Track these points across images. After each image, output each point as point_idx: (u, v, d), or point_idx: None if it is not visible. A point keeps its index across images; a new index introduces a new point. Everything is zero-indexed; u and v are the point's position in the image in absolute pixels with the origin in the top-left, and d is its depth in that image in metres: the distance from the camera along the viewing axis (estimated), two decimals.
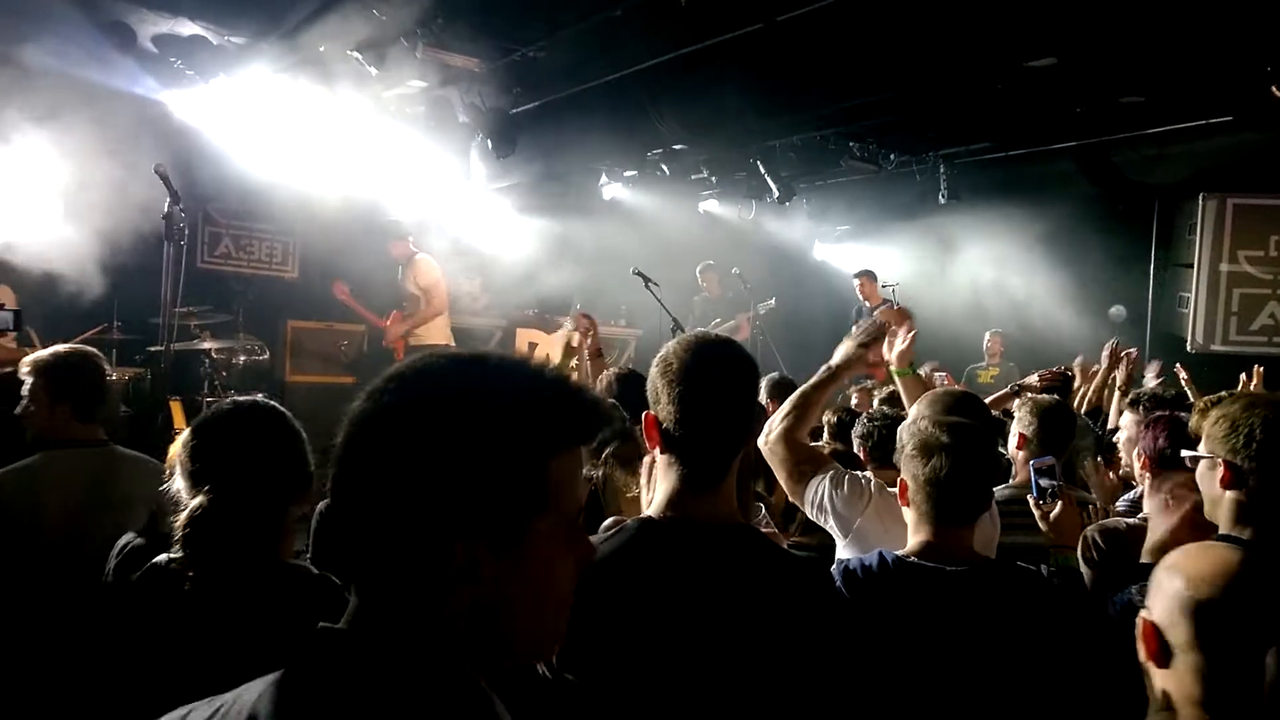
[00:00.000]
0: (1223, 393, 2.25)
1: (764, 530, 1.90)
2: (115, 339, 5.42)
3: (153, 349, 5.24)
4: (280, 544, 1.67)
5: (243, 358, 5.89)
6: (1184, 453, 1.98)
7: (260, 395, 1.91)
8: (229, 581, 1.56)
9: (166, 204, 4.25)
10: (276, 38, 5.69)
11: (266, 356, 6.24)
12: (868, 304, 7.53)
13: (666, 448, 1.42)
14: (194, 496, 1.59)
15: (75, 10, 5.35)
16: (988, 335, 7.97)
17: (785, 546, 2.34)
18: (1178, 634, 1.23)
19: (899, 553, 1.78)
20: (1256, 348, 7.53)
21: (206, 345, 5.50)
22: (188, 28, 5.76)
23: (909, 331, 2.72)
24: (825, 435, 3.69)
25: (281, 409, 1.78)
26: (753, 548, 1.42)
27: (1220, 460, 1.81)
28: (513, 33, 5.57)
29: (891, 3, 4.68)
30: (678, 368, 1.42)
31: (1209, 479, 1.86)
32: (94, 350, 2.76)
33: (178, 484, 1.66)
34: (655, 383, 1.44)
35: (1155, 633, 1.25)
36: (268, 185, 6.88)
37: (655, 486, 1.47)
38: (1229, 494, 1.81)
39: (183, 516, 1.57)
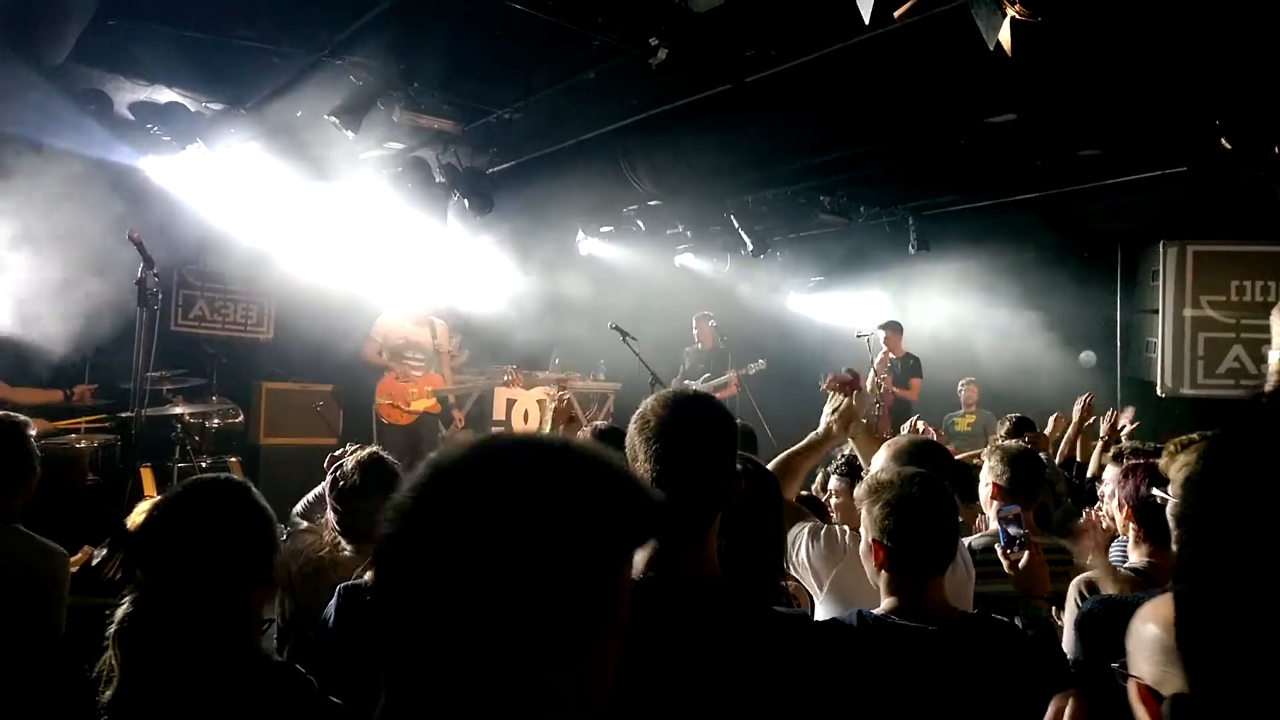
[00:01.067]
0: (1194, 434, 2.29)
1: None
2: (85, 404, 5.34)
3: (123, 415, 5.17)
4: (243, 636, 1.55)
5: (216, 421, 5.82)
6: (1155, 492, 2.01)
7: (225, 474, 1.77)
8: (164, 684, 1.43)
9: (140, 269, 4.25)
10: (253, 103, 5.77)
11: (240, 419, 6.17)
12: (893, 356, 7.63)
13: None
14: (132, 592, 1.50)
15: (51, 79, 5.40)
16: (962, 383, 8.06)
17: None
18: (1171, 684, 1.21)
19: (876, 611, 1.78)
20: (1224, 390, 7.67)
21: (179, 410, 5.43)
22: (165, 95, 5.83)
23: (852, 394, 2.75)
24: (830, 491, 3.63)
25: (246, 485, 1.70)
26: (733, 607, 1.40)
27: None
28: (487, 95, 5.68)
29: (856, 64, 4.84)
30: (654, 424, 1.41)
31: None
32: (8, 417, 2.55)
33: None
34: (633, 439, 1.43)
35: (1150, 693, 1.23)
36: (243, 247, 6.90)
37: None
38: None
39: (117, 614, 1.48)
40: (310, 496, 3.08)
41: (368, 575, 1.93)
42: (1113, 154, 6.40)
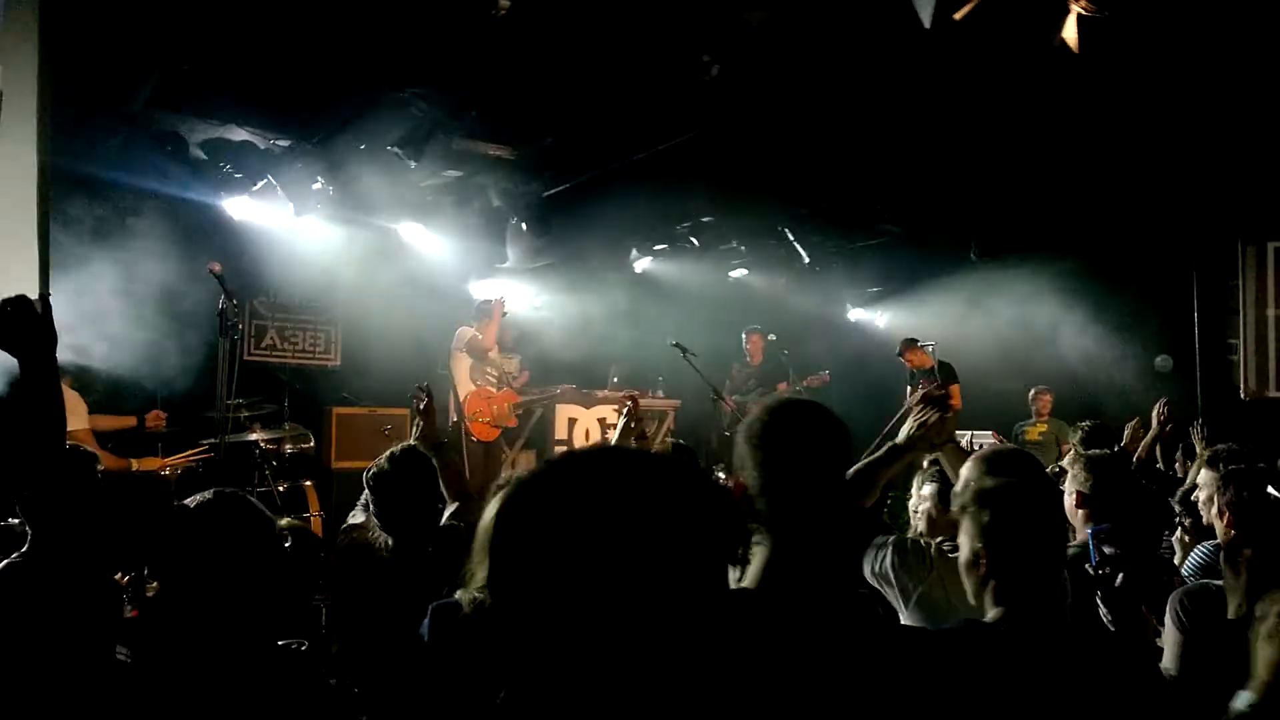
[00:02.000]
0: None
1: None
2: (163, 431, 5.56)
3: (206, 440, 5.36)
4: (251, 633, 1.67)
5: (289, 447, 5.98)
6: (1270, 491, 1.94)
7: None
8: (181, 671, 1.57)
9: (220, 300, 4.41)
10: (319, 138, 5.96)
11: (312, 444, 6.35)
12: (917, 370, 7.53)
13: (753, 517, 1.37)
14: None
15: (130, 124, 5.68)
16: (1033, 392, 7.84)
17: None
18: None
19: (987, 620, 1.71)
20: None
21: (255, 436, 5.60)
22: (236, 134, 6.06)
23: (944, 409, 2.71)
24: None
25: (250, 500, 1.82)
26: (844, 621, 1.36)
27: None
28: (542, 120, 5.77)
29: (914, 69, 4.79)
30: (759, 432, 1.39)
31: None
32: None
33: None
34: (741, 449, 1.41)
35: None
36: (310, 279, 7.12)
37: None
38: None
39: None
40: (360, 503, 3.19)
41: (458, 594, 1.95)
42: (1185, 151, 6.20)
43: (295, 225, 6.68)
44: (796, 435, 1.39)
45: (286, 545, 2.55)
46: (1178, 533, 3.12)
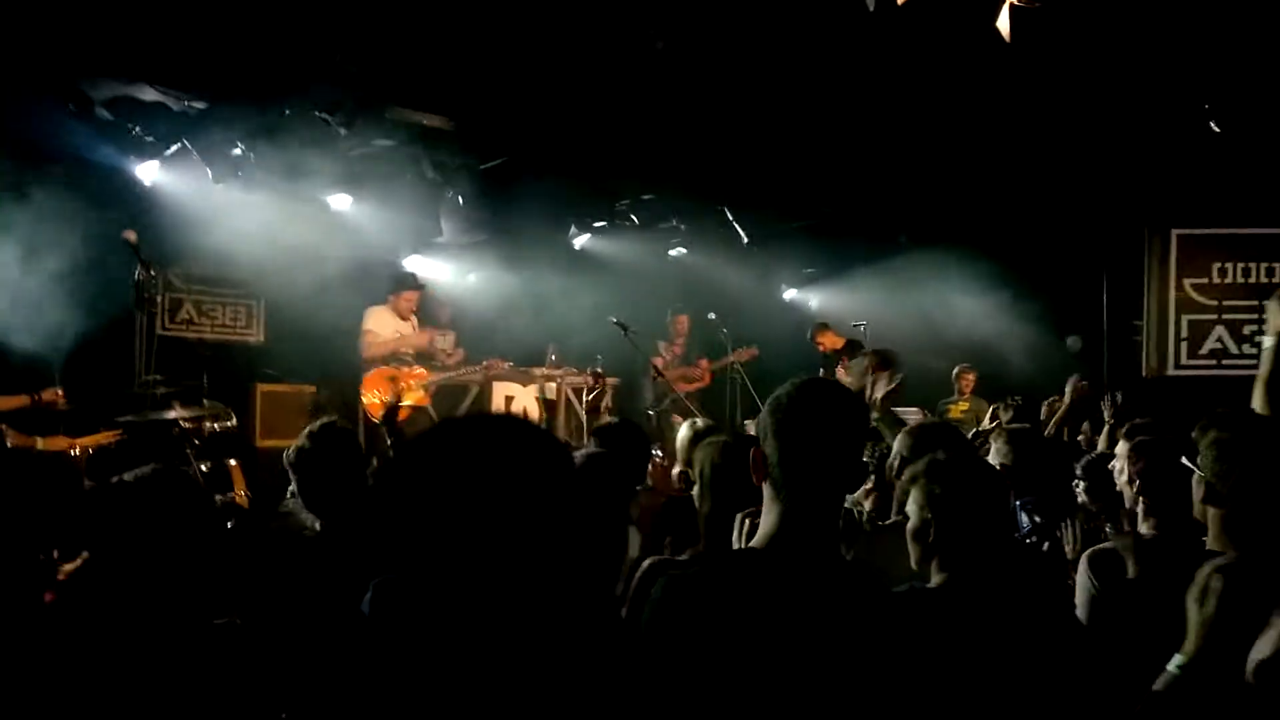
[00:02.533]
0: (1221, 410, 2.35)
1: None
2: (65, 409, 5.23)
3: (120, 419, 5.07)
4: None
5: (211, 425, 5.72)
6: (1184, 462, 2.08)
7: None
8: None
9: (136, 271, 4.17)
10: (240, 101, 5.66)
11: (234, 422, 6.08)
12: (829, 353, 7.71)
13: (769, 482, 1.51)
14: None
15: (30, 79, 5.27)
16: (956, 370, 8.12)
17: None
18: None
19: (931, 586, 1.83)
20: (1207, 370, 7.81)
21: (174, 414, 5.33)
22: (146, 93, 5.69)
23: (892, 378, 2.84)
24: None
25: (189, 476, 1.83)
26: (845, 585, 1.47)
27: (1201, 478, 1.97)
28: (480, 91, 5.62)
29: (859, 54, 4.86)
30: (783, 405, 1.52)
31: (1198, 492, 2.01)
32: None
33: None
34: (763, 420, 1.54)
35: None
36: (230, 249, 6.78)
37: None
38: (1211, 510, 1.97)
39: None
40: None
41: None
42: (1098, 139, 6.48)
43: (214, 193, 6.32)
44: (812, 411, 1.50)
45: (311, 443, 2.51)
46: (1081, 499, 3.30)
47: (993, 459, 3.01)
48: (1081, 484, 3.31)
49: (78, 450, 5.01)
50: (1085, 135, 6.22)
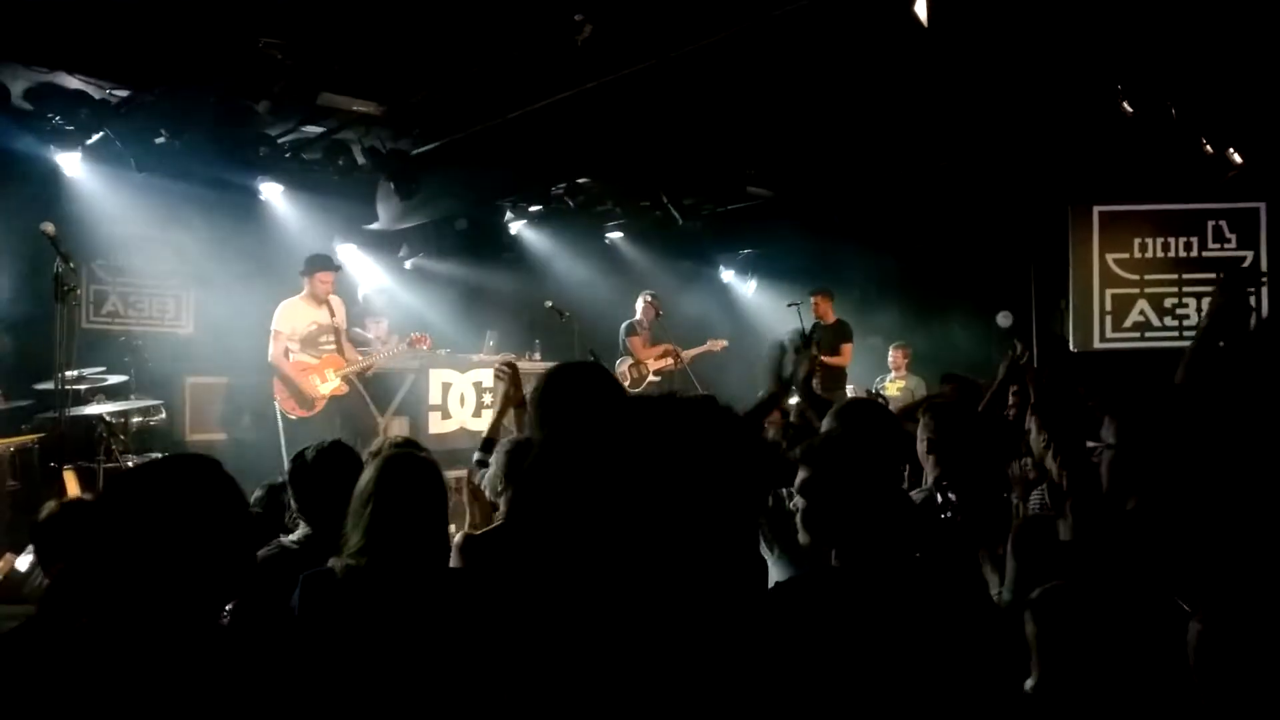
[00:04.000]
0: None
1: None
2: None
3: (42, 415, 4.96)
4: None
5: (138, 419, 5.63)
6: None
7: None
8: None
9: (55, 264, 4.07)
10: (163, 89, 5.53)
11: (164, 416, 5.98)
12: (821, 322, 7.80)
13: None
14: None
15: None
16: (891, 348, 8.31)
17: None
18: None
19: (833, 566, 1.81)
20: (1131, 343, 8.11)
21: (100, 409, 5.23)
22: (67, 81, 5.53)
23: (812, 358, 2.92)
24: None
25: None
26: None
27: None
28: (410, 76, 5.57)
29: (778, 38, 4.92)
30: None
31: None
32: None
33: None
34: None
35: None
36: (156, 239, 6.64)
37: None
38: None
39: None
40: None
41: (331, 561, 1.92)
42: (1020, 118, 6.66)
43: (138, 182, 6.18)
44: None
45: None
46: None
47: (920, 434, 3.08)
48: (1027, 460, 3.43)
49: None
50: (1007, 115, 6.39)
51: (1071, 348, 8.18)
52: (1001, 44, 5.20)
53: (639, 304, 7.76)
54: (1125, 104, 6.04)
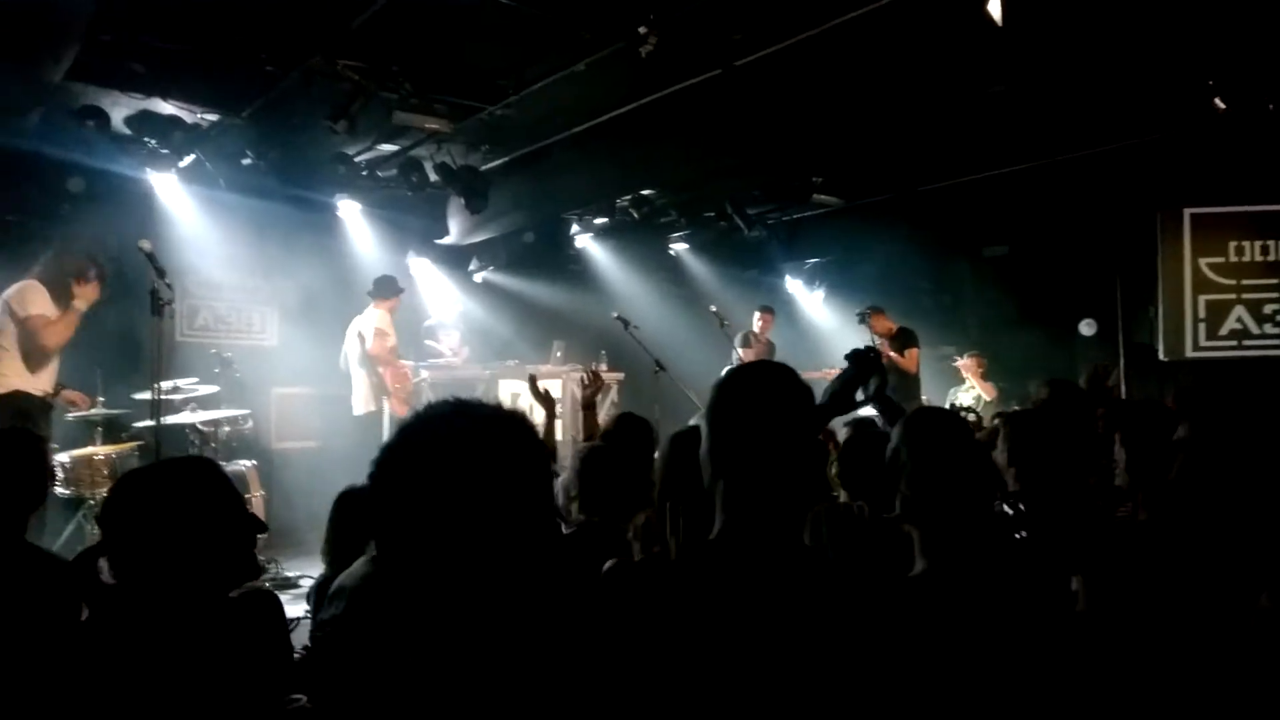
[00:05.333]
0: None
1: None
2: (99, 415, 5.41)
3: (139, 425, 5.24)
4: None
5: (228, 428, 5.89)
6: None
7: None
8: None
9: (151, 279, 4.31)
10: (249, 112, 5.81)
11: (251, 425, 6.24)
12: (878, 337, 7.69)
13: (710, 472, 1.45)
14: None
15: (50, 96, 5.45)
16: (962, 358, 8.09)
17: None
18: None
19: None
20: (1226, 352, 7.70)
21: (192, 418, 5.50)
22: (162, 107, 5.87)
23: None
24: None
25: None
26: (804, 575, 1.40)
27: None
28: (480, 92, 5.71)
29: (848, 41, 4.86)
30: (717, 393, 1.48)
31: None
32: None
33: None
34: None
35: None
36: (242, 256, 6.96)
37: None
38: None
39: None
40: None
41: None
42: (1107, 120, 6.42)
43: (226, 202, 6.50)
44: (745, 395, 1.46)
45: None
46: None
47: (999, 445, 3.01)
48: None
49: (102, 456, 5.19)
50: (1090, 115, 6.17)
51: (1161, 356, 7.82)
52: (1082, 40, 5.03)
53: (755, 317, 7.95)
54: (1218, 100, 5.76)
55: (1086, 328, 8.34)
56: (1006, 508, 2.83)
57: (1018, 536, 2.77)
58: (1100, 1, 4.66)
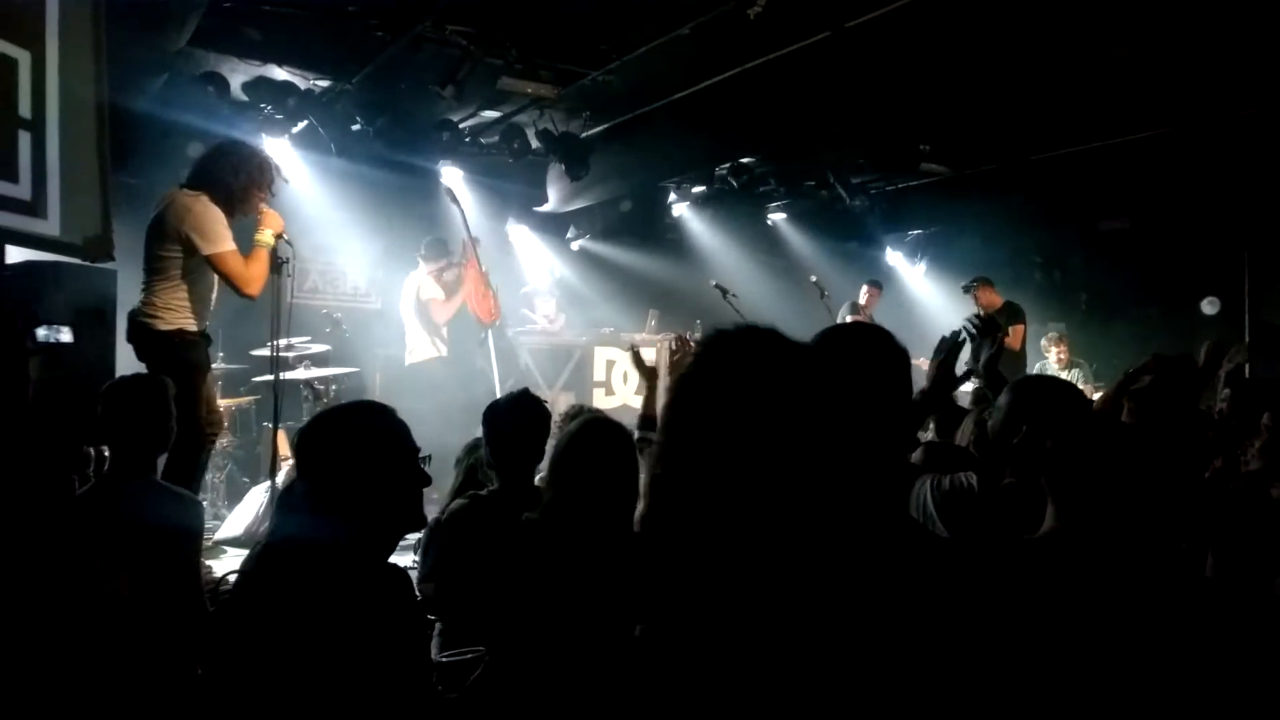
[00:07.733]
0: None
1: None
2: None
3: (257, 379, 5.48)
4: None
5: (337, 386, 6.11)
6: None
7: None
8: None
9: None
10: (360, 78, 5.94)
11: (360, 384, 6.45)
12: (987, 310, 7.42)
13: None
14: None
15: (173, 62, 5.70)
16: (1049, 336, 7.72)
17: None
18: None
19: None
20: None
21: (306, 374, 5.72)
22: (276, 74, 6.06)
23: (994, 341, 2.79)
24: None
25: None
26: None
27: None
28: (583, 57, 5.70)
29: (958, 3, 4.65)
30: None
31: None
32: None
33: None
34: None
35: None
36: (350, 220, 7.16)
37: None
38: None
39: None
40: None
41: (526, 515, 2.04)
42: (1236, 84, 5.98)
43: (336, 168, 6.69)
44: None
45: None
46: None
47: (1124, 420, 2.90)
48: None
49: (222, 409, 5.45)
50: (1216, 80, 5.77)
51: None
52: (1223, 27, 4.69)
53: (862, 290, 7.85)
54: None
55: (1209, 306, 7.87)
56: None
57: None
58: None
